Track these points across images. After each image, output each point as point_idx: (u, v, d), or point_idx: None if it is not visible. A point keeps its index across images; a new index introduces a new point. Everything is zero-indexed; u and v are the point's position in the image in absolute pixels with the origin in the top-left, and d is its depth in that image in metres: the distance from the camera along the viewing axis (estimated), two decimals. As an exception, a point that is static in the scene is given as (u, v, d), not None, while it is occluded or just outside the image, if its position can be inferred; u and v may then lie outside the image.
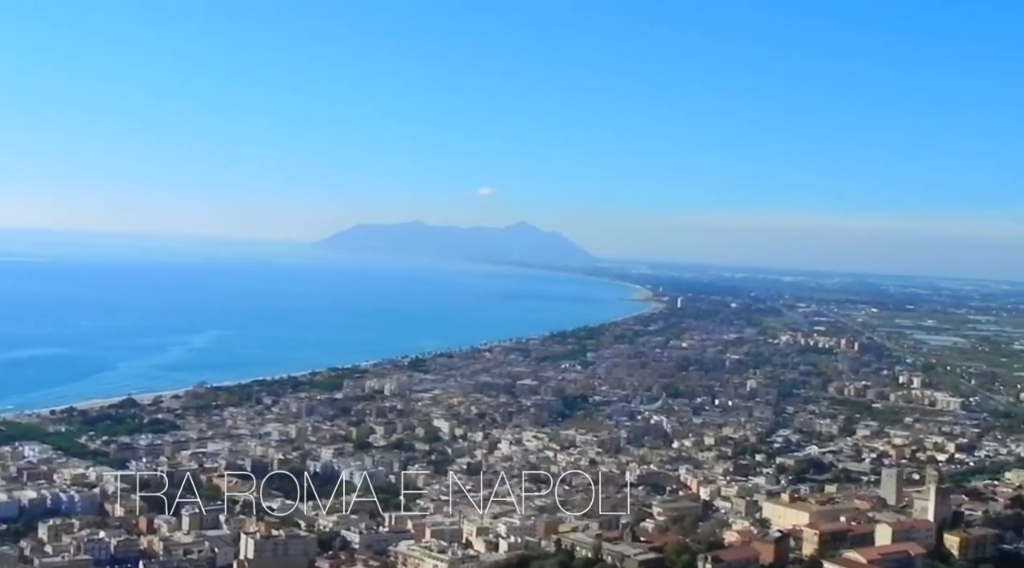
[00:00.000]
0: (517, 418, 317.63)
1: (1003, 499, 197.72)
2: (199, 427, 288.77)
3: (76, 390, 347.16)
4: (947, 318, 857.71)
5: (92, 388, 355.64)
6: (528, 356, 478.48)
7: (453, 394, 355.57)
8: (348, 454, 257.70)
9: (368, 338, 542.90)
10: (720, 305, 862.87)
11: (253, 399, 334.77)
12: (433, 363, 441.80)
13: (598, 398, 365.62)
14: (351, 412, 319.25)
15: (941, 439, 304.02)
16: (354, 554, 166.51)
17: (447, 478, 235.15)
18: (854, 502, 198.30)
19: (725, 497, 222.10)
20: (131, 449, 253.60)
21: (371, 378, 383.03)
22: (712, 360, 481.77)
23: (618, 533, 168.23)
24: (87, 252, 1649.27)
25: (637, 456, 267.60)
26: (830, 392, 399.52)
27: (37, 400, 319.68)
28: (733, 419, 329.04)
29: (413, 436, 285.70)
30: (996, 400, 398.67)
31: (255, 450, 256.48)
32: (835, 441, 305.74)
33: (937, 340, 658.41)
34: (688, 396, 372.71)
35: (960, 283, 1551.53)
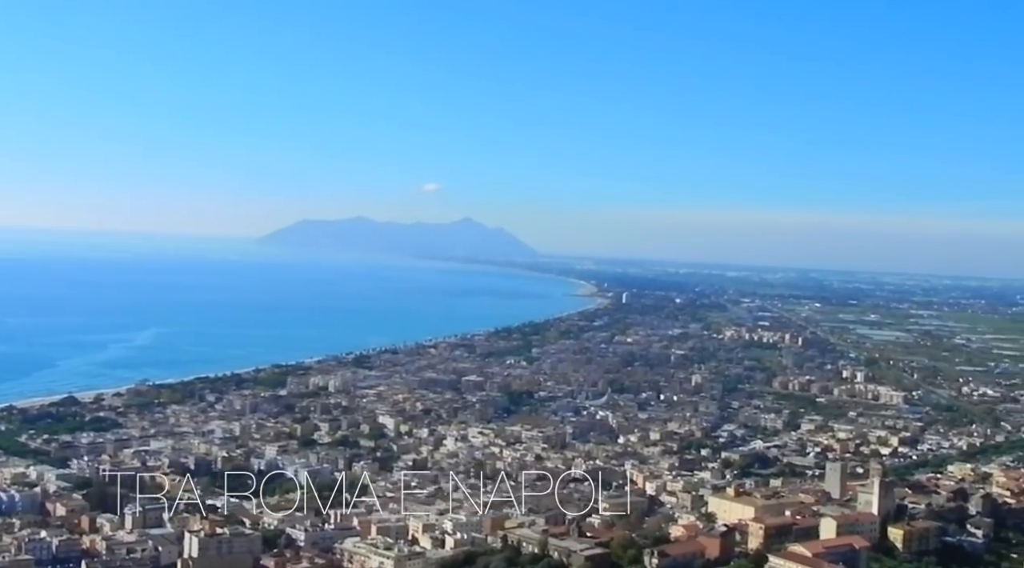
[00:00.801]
0: (463, 414, 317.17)
1: (946, 492, 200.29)
2: (141, 425, 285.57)
3: (15, 388, 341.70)
4: (890, 313, 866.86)
5: (32, 386, 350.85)
6: (473, 352, 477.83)
7: (398, 390, 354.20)
8: (293, 451, 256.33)
9: (312, 335, 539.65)
10: (665, 301, 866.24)
11: (196, 396, 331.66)
12: (378, 359, 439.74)
13: (544, 394, 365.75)
14: (295, 409, 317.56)
15: (884, 433, 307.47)
16: (299, 552, 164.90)
17: (393, 475, 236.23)
18: (799, 496, 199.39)
19: (671, 492, 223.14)
20: (72, 448, 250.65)
21: (315, 375, 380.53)
22: (657, 355, 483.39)
23: (564, 528, 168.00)
24: (27, 249, 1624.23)
25: (583, 452, 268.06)
26: (774, 387, 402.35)
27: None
28: (678, 414, 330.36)
29: (358, 433, 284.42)
30: (938, 394, 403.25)
31: (199, 448, 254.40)
32: (780, 436, 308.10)
33: (880, 335, 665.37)
34: (633, 391, 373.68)
35: (902, 278, 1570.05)
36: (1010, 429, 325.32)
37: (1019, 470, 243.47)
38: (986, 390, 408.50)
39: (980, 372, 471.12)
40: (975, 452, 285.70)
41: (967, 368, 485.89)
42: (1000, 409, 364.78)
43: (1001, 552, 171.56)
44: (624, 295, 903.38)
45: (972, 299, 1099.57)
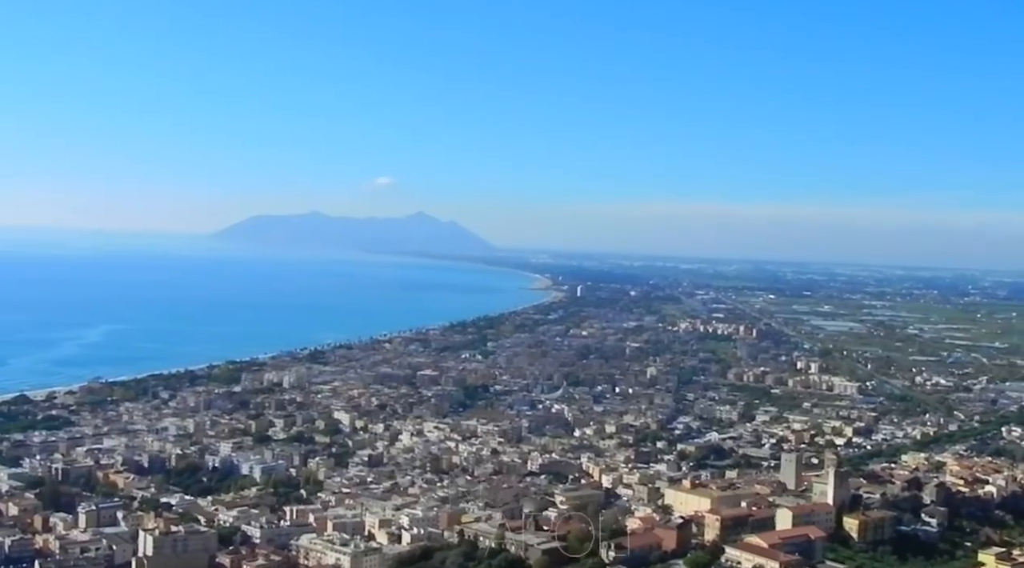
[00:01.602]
0: (418, 409, 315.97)
1: (900, 481, 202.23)
2: (94, 423, 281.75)
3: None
4: (843, 304, 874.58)
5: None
6: (428, 346, 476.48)
7: (353, 386, 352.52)
8: (247, 448, 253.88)
9: (266, 331, 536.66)
10: (620, 293, 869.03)
11: (149, 394, 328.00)
12: (332, 355, 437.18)
13: (499, 388, 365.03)
14: (250, 405, 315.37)
15: (839, 423, 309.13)
16: (255, 549, 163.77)
17: (348, 471, 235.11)
18: (754, 487, 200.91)
19: (627, 484, 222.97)
20: (24, 446, 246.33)
21: (270, 371, 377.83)
22: (612, 348, 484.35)
23: (521, 522, 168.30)
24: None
25: (539, 445, 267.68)
26: (729, 378, 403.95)
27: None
28: (634, 407, 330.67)
29: (313, 429, 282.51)
30: (892, 384, 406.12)
31: (152, 445, 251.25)
32: (735, 427, 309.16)
33: (834, 326, 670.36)
34: (589, 384, 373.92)
35: (856, 269, 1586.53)
36: (963, 418, 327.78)
37: (972, 459, 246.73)
38: (939, 380, 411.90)
39: (933, 362, 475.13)
40: (929, 441, 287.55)
41: (920, 358, 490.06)
42: (953, 398, 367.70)
43: (955, 540, 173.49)
44: (579, 288, 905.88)
45: (925, 289, 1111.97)
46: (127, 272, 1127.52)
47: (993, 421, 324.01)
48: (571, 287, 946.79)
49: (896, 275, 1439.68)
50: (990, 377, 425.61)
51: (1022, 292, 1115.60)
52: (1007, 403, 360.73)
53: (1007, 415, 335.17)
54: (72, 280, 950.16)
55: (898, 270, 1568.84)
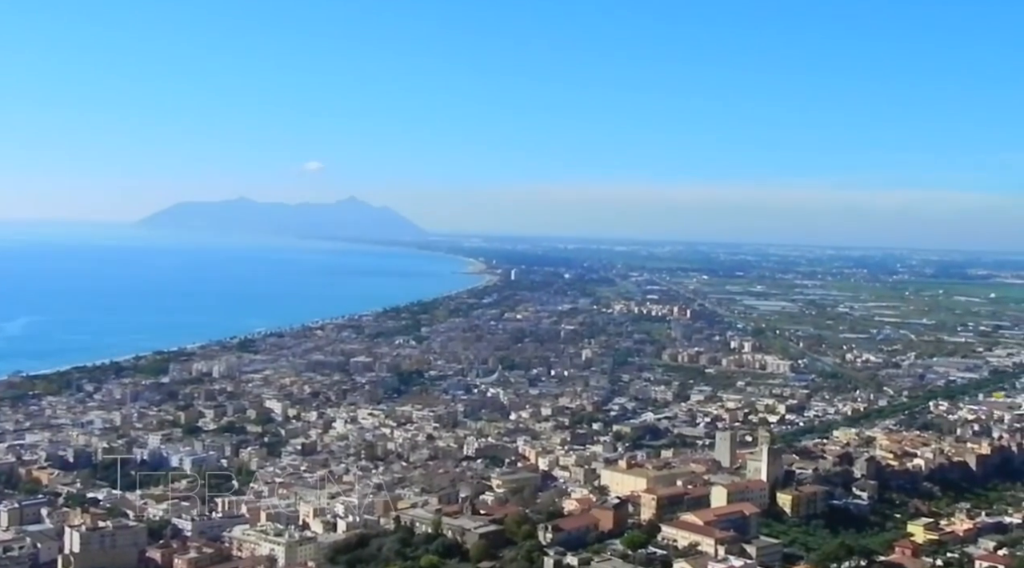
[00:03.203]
0: (352, 396, 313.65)
1: (831, 457, 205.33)
2: (15, 418, 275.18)
3: None
4: (775, 284, 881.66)
5: None
6: (361, 333, 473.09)
7: (285, 374, 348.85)
8: (177, 440, 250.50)
9: (194, 320, 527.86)
10: (554, 276, 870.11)
11: (73, 387, 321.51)
12: (263, 343, 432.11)
13: (434, 373, 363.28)
14: (179, 396, 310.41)
15: (772, 401, 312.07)
16: (187, 542, 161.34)
17: (282, 460, 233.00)
18: (690, 466, 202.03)
19: (563, 466, 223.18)
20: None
21: (198, 361, 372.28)
22: (547, 331, 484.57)
23: (458, 507, 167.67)
24: None
25: (475, 429, 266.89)
26: (664, 359, 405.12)
27: None
28: (569, 389, 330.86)
29: (245, 418, 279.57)
30: (823, 362, 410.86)
31: (77, 440, 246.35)
32: (670, 407, 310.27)
33: (766, 305, 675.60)
34: (524, 368, 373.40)
35: (787, 249, 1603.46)
36: (892, 394, 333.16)
37: (901, 433, 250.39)
38: (869, 356, 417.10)
39: (863, 339, 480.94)
40: (859, 417, 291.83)
41: (850, 336, 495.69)
42: (882, 374, 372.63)
43: (885, 512, 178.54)
44: (513, 272, 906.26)
45: (855, 269, 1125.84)
46: (47, 262, 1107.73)
47: (921, 396, 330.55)
48: (505, 271, 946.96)
49: (827, 255, 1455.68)
50: (918, 353, 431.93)
51: (948, 270, 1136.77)
52: (934, 378, 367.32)
53: (934, 390, 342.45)
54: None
55: (829, 250, 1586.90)
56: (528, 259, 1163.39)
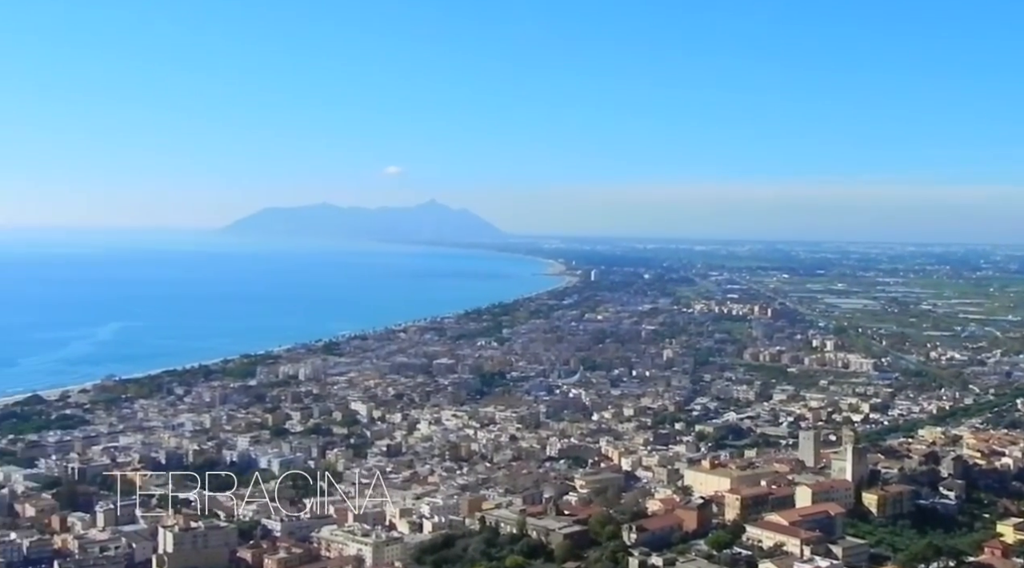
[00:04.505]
0: (435, 397, 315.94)
1: (917, 456, 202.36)
2: (109, 421, 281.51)
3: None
4: (856, 281, 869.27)
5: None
6: (443, 335, 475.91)
7: (369, 376, 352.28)
8: (265, 441, 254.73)
9: (280, 323, 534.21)
10: (634, 276, 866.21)
11: (164, 390, 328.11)
12: (347, 346, 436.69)
13: (516, 374, 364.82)
14: (266, 399, 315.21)
15: (855, 400, 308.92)
16: (276, 542, 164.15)
17: (367, 461, 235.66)
18: (773, 466, 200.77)
19: (646, 467, 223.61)
20: (39, 447, 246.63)
21: (285, 364, 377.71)
22: (628, 331, 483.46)
23: (542, 508, 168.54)
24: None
25: (557, 430, 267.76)
26: (745, 358, 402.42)
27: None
28: (651, 389, 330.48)
29: (330, 420, 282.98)
30: (907, 359, 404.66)
31: (169, 442, 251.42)
32: (752, 406, 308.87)
33: (848, 303, 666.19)
34: (605, 368, 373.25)
35: (868, 246, 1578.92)
36: (978, 391, 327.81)
37: (988, 432, 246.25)
38: (953, 354, 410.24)
39: (947, 336, 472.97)
40: (945, 415, 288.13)
41: (934, 333, 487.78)
42: (968, 372, 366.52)
43: (973, 512, 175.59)
44: (593, 272, 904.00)
45: (937, 265, 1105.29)
46: (137, 269, 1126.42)
47: (1008, 394, 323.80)
48: (585, 271, 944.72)
49: (908, 251, 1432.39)
50: (1004, 350, 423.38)
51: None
52: (1021, 375, 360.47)
53: (1021, 387, 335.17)
54: (82, 278, 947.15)
55: (910, 246, 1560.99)
56: (607, 260, 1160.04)
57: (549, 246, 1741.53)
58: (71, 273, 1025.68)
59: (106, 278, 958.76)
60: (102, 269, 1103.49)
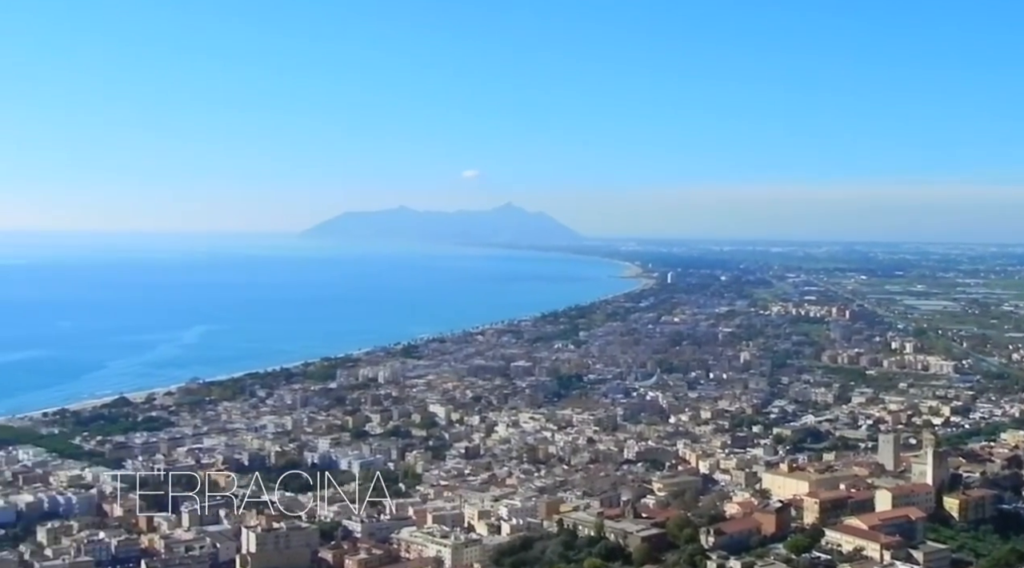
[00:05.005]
0: (513, 400, 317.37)
1: (1000, 460, 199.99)
2: (194, 423, 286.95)
3: (67, 391, 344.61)
4: (936, 282, 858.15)
5: (83, 388, 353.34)
6: (521, 337, 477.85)
7: (448, 379, 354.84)
8: (345, 443, 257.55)
9: (359, 326, 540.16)
10: (710, 279, 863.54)
11: (247, 392, 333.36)
12: (426, 349, 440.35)
13: (593, 377, 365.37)
14: (346, 401, 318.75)
15: (936, 403, 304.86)
16: (356, 543, 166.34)
17: (446, 463, 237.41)
18: (852, 469, 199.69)
19: (724, 470, 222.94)
20: (126, 448, 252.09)
21: (364, 366, 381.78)
22: (705, 334, 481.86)
23: (619, 510, 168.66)
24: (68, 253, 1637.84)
25: (635, 433, 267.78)
26: (824, 361, 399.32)
27: (28, 403, 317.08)
28: (728, 392, 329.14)
29: (410, 422, 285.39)
30: (988, 362, 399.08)
31: (252, 444, 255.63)
32: (831, 409, 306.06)
33: (927, 305, 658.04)
34: (682, 371, 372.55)
35: (948, 247, 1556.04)
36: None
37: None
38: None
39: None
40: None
41: (1016, 335, 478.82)
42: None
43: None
44: (669, 275, 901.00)
45: (1019, 266, 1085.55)
46: (219, 273, 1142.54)
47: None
48: (661, 274, 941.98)
49: (990, 252, 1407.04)
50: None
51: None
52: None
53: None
54: (165, 283, 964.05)
55: (991, 247, 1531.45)
56: (684, 262, 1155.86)
57: (626, 248, 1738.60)
58: (156, 278, 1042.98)
59: (190, 282, 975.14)
60: (186, 274, 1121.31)
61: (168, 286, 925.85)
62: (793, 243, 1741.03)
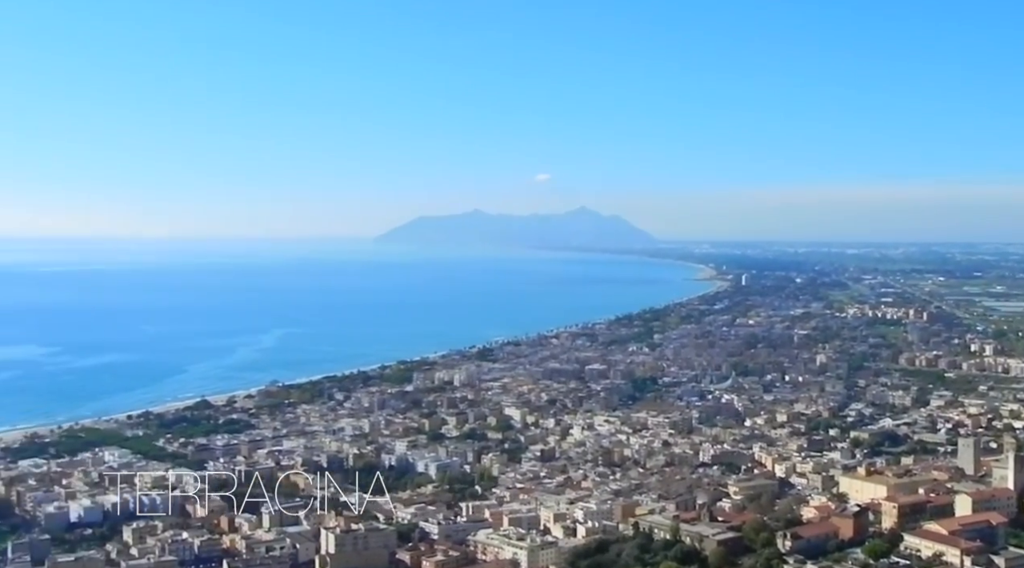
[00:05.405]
0: (588, 403, 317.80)
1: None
2: (273, 425, 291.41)
3: (150, 394, 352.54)
4: (1017, 283, 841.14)
5: (166, 391, 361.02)
6: (595, 340, 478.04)
7: (522, 382, 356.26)
8: (422, 446, 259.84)
9: (434, 330, 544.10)
10: (785, 281, 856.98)
11: (325, 395, 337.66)
12: (501, 352, 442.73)
13: (667, 379, 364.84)
14: (422, 404, 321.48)
15: (1017, 406, 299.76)
16: (433, 545, 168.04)
17: (521, 466, 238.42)
18: (931, 473, 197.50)
19: (801, 473, 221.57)
20: (208, 450, 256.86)
21: (440, 369, 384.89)
22: (780, 336, 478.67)
23: (695, 513, 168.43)
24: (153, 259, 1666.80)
25: (710, 436, 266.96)
26: (901, 363, 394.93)
27: (114, 406, 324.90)
28: (804, 395, 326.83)
29: (485, 425, 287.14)
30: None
31: (330, 446, 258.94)
32: (909, 413, 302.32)
33: (1007, 306, 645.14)
34: (758, 373, 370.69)
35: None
36: None
37: None
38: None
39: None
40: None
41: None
42: None
43: None
44: (743, 277, 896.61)
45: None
46: (297, 277, 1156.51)
47: None
48: (735, 276, 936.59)
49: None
50: None
51: None
52: None
53: None
54: (246, 287, 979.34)
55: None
56: (758, 264, 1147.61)
57: (699, 251, 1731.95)
58: (236, 282, 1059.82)
59: (268, 287, 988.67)
60: (265, 278, 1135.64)
61: (249, 290, 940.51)
62: (869, 244, 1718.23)
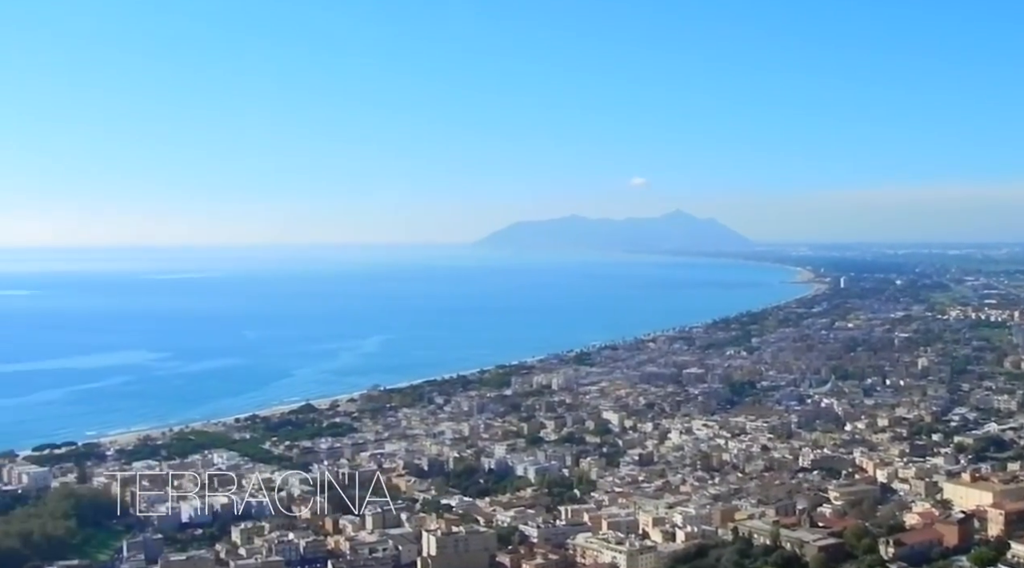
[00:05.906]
0: (685, 407, 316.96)
1: None
2: (375, 429, 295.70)
3: (257, 398, 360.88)
4: None
5: (271, 395, 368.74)
6: (692, 344, 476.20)
7: (620, 386, 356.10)
8: (521, 449, 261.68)
9: (533, 334, 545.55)
10: (885, 283, 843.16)
11: (425, 399, 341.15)
12: (598, 356, 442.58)
13: (766, 383, 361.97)
14: (521, 408, 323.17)
15: None
16: (533, 548, 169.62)
17: (620, 470, 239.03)
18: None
19: (903, 479, 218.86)
20: (312, 453, 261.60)
21: (538, 374, 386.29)
22: (880, 339, 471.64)
23: (795, 519, 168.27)
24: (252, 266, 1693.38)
25: (809, 440, 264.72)
26: (1006, 367, 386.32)
27: (222, 409, 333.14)
28: (906, 399, 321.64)
29: (583, 429, 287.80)
30: None
31: (431, 449, 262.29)
32: (1015, 417, 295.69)
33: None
34: (858, 377, 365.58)
35: None
36: None
37: None
38: None
39: None
40: None
41: None
42: None
43: None
44: (842, 279, 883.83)
45: None
46: (396, 283, 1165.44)
47: None
48: (834, 278, 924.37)
49: None
50: None
51: None
52: None
53: None
54: (345, 293, 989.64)
55: None
56: (857, 266, 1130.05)
57: (797, 253, 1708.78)
58: (338, 288, 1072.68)
59: (369, 292, 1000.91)
60: (365, 284, 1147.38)
61: (347, 296, 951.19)
62: (971, 245, 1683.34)
